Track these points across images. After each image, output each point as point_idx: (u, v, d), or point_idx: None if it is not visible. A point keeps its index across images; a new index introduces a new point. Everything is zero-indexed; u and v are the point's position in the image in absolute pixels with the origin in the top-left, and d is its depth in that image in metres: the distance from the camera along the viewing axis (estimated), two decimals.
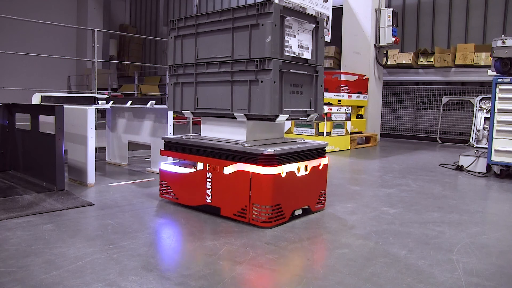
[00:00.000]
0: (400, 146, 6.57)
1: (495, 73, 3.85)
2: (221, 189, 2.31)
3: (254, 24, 2.16)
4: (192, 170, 2.46)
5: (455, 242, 2.01)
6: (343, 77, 6.45)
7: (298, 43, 2.31)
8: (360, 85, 6.51)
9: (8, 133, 3.33)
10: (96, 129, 3.02)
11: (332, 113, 5.53)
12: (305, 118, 2.47)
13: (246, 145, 2.22)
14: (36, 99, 3.67)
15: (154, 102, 3.56)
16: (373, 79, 6.80)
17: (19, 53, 4.58)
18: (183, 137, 2.57)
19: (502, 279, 1.60)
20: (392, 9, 6.67)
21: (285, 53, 2.22)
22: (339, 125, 5.67)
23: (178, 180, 2.53)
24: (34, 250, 1.76)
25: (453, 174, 3.99)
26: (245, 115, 2.25)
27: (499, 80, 3.78)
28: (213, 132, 2.54)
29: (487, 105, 6.53)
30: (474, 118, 6.70)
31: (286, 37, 2.22)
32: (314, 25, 2.41)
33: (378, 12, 6.67)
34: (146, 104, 3.60)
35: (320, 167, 2.49)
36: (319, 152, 2.49)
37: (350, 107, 5.93)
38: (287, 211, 2.26)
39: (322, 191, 2.54)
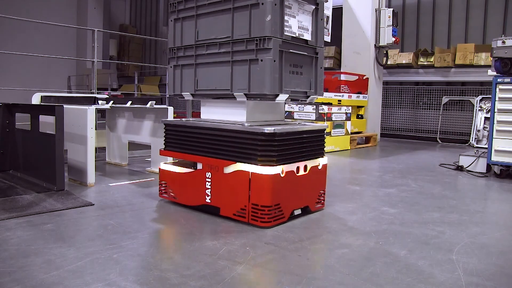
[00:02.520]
0: (400, 146, 6.57)
1: (495, 73, 3.85)
2: (220, 189, 2.31)
3: (254, 4, 2.17)
4: (192, 169, 2.46)
5: (455, 242, 2.01)
6: (343, 77, 6.45)
7: (298, 23, 2.32)
8: (360, 85, 6.51)
9: (8, 133, 3.33)
10: (96, 129, 3.01)
11: (332, 113, 5.53)
12: (305, 100, 2.47)
13: (246, 125, 2.22)
14: (36, 99, 3.67)
15: (154, 102, 3.56)
16: (373, 79, 6.80)
17: (19, 53, 4.58)
18: (183, 119, 2.59)
19: (502, 279, 1.60)
20: (392, 9, 6.67)
21: (285, 33, 2.22)
22: (339, 125, 5.67)
23: (178, 180, 2.53)
24: (34, 250, 1.76)
25: (453, 174, 3.99)
26: (245, 94, 2.24)
27: (499, 80, 3.77)
28: (213, 114, 2.53)
29: (487, 105, 6.53)
30: (474, 118, 6.70)
31: (286, 17, 2.22)
32: (314, 7, 2.41)
33: (378, 12, 6.67)
34: (146, 104, 3.60)
35: (320, 167, 2.50)
36: (319, 135, 2.48)
37: (350, 107, 5.94)
38: (286, 211, 2.26)
39: (322, 191, 2.54)
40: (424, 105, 7.69)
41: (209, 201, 2.37)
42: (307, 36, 2.38)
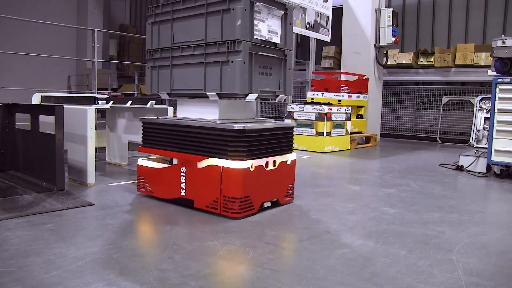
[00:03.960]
0: (400, 146, 6.57)
1: (495, 73, 3.85)
2: (194, 183, 2.45)
3: (226, 9, 2.32)
4: (168, 165, 2.60)
5: (455, 242, 2.01)
6: (343, 77, 6.45)
7: (268, 28, 2.48)
8: (360, 85, 6.51)
9: (8, 133, 3.33)
10: (96, 129, 3.01)
11: (332, 113, 5.53)
12: (274, 99, 2.62)
13: (218, 122, 2.37)
14: (36, 99, 3.67)
15: (154, 102, 3.55)
16: (373, 79, 6.80)
17: (19, 53, 4.58)
18: (160, 117, 2.71)
19: (502, 279, 1.60)
20: (392, 9, 6.67)
21: (255, 36, 2.38)
22: (339, 125, 5.67)
23: (155, 174, 2.67)
24: (34, 250, 1.76)
25: (453, 174, 3.99)
26: (217, 94, 2.39)
27: (499, 80, 3.77)
28: (188, 112, 2.67)
29: (487, 105, 6.53)
30: (474, 118, 6.70)
31: (255, 22, 2.38)
32: (283, 12, 2.57)
33: (378, 12, 6.67)
34: (146, 104, 3.60)
35: (288, 163, 2.65)
36: (288, 132, 2.64)
37: (350, 107, 5.93)
38: (256, 203, 2.40)
39: (290, 185, 2.69)
40: (424, 105, 7.69)
41: (184, 194, 2.50)
42: (276, 40, 2.54)
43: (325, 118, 5.41)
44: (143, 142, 2.77)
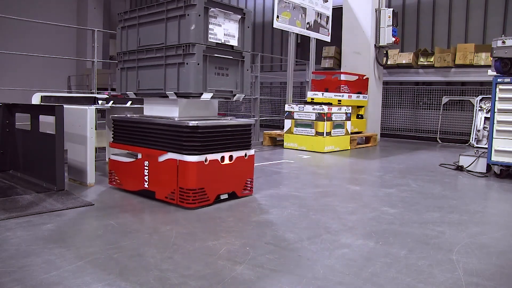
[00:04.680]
0: (400, 146, 6.57)
1: (495, 73, 3.85)
2: (155, 176, 2.65)
3: (182, 15, 2.49)
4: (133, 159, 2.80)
5: (455, 242, 2.01)
6: (343, 77, 6.45)
7: (224, 31, 2.64)
8: (360, 85, 6.51)
9: (8, 133, 3.33)
10: (96, 129, 3.02)
11: (332, 113, 5.53)
12: (231, 98, 2.78)
13: (176, 119, 2.56)
14: (36, 99, 3.67)
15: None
16: (373, 79, 6.80)
17: (19, 53, 4.58)
18: (128, 115, 2.91)
19: (502, 279, 1.60)
20: (392, 9, 6.67)
21: (210, 40, 2.55)
22: (339, 125, 5.67)
23: (123, 168, 2.88)
24: (34, 250, 1.76)
25: (453, 174, 3.99)
26: (175, 93, 2.56)
27: (499, 80, 3.77)
28: (153, 110, 2.86)
29: (487, 105, 6.53)
30: (474, 118, 6.70)
31: (210, 26, 2.55)
32: (240, 16, 2.73)
33: (378, 12, 6.67)
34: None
35: (246, 157, 2.80)
36: (245, 129, 2.79)
37: (350, 107, 5.93)
38: (211, 195, 2.57)
39: (249, 179, 2.84)
40: (424, 105, 7.69)
41: (147, 186, 2.71)
42: (233, 42, 2.71)
43: (325, 118, 5.41)
44: (114, 138, 2.97)
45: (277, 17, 5.61)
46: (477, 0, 7.22)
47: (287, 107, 5.85)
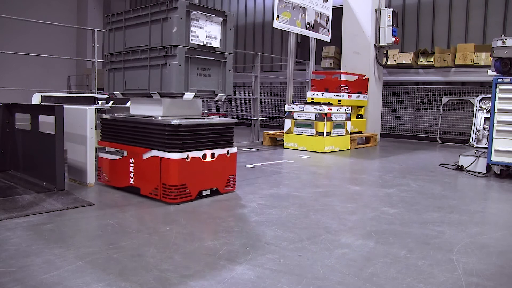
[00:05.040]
0: (400, 146, 6.57)
1: (495, 73, 3.85)
2: (140, 172, 2.76)
3: (165, 18, 2.58)
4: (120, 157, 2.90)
5: (455, 242, 2.01)
6: (343, 77, 6.45)
7: (206, 33, 2.74)
8: (360, 85, 6.51)
9: (8, 133, 3.33)
10: (96, 129, 3.02)
11: (332, 113, 5.53)
12: (214, 97, 2.87)
13: (159, 118, 2.66)
14: (36, 99, 3.67)
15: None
16: (373, 79, 6.80)
17: (19, 53, 4.58)
18: (115, 114, 3.00)
19: (502, 279, 1.60)
20: (392, 9, 6.67)
21: (192, 41, 2.64)
22: (339, 125, 5.67)
23: (110, 165, 2.99)
24: (34, 250, 1.76)
25: (453, 174, 3.99)
26: (158, 93, 2.65)
27: (499, 80, 3.78)
28: (139, 110, 2.95)
29: (487, 105, 6.53)
30: (474, 118, 6.70)
31: (192, 28, 2.64)
32: (222, 19, 2.82)
33: (378, 12, 6.67)
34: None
35: (228, 155, 2.90)
36: (227, 128, 2.89)
37: (350, 107, 5.93)
38: (193, 191, 2.67)
39: (231, 176, 2.94)
40: (424, 105, 7.69)
41: (133, 182, 2.81)
42: (216, 44, 2.80)
43: (325, 118, 5.41)
44: (102, 136, 3.06)
45: (277, 17, 5.61)
46: (477, 0, 7.22)
47: (287, 107, 5.85)
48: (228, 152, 2.89)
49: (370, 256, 1.80)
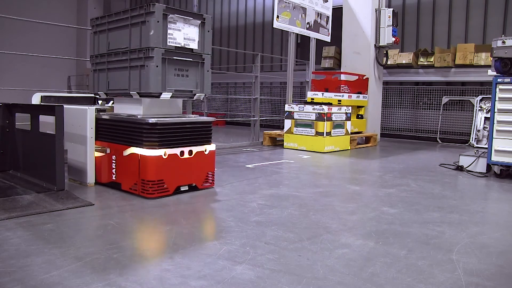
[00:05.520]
0: (400, 146, 6.57)
1: (495, 73, 3.85)
2: (121, 169, 2.88)
3: (143, 21, 2.71)
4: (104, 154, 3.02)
5: (455, 242, 2.01)
6: (343, 77, 6.45)
7: (184, 35, 2.85)
8: (360, 85, 6.51)
9: (8, 133, 3.33)
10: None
11: (332, 113, 5.53)
12: (192, 97, 2.98)
13: (139, 117, 2.77)
14: (36, 99, 3.67)
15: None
16: (373, 79, 6.80)
17: (19, 53, 4.58)
18: (101, 113, 3.10)
19: (502, 279, 1.60)
20: (392, 9, 6.67)
21: (169, 43, 2.76)
22: (339, 125, 5.67)
23: (96, 162, 3.07)
24: (34, 250, 1.76)
25: (453, 174, 3.99)
26: (138, 93, 2.78)
27: (499, 80, 3.78)
28: (121, 109, 3.07)
29: (487, 105, 6.53)
30: (474, 118, 6.70)
31: (170, 31, 2.76)
32: (200, 21, 2.93)
33: (378, 12, 6.67)
34: None
35: (206, 152, 3.01)
36: (205, 126, 2.99)
37: (350, 107, 5.93)
38: (171, 186, 2.79)
39: (210, 172, 3.05)
40: (424, 105, 7.69)
41: (115, 178, 2.94)
42: (193, 45, 2.91)
43: (325, 118, 5.41)
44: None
45: (277, 17, 5.61)
46: (477, 0, 7.22)
47: (287, 107, 5.86)
48: (206, 150, 3.00)
49: (370, 256, 1.80)
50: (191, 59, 2.90)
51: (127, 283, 1.47)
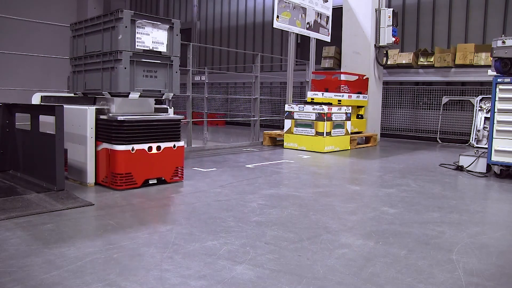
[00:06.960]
0: (400, 146, 6.57)
1: (495, 73, 3.85)
2: (96, 163, 3.04)
3: (113, 26, 2.93)
4: None
5: (455, 242, 2.01)
6: (343, 77, 6.44)
7: (152, 39, 3.05)
8: (360, 85, 6.51)
9: (8, 133, 3.33)
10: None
11: (332, 113, 5.53)
12: (161, 96, 3.18)
13: (110, 115, 2.95)
14: (36, 99, 3.67)
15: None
16: (373, 79, 6.80)
17: (19, 53, 4.58)
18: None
19: (502, 279, 1.60)
20: (392, 9, 6.67)
21: (137, 47, 2.97)
22: (339, 125, 5.67)
23: None
24: (34, 250, 1.76)
25: (453, 174, 3.99)
26: (109, 93, 2.99)
27: (499, 80, 3.77)
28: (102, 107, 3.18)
29: (487, 105, 6.53)
30: (474, 118, 6.70)
31: (138, 35, 2.97)
32: (168, 26, 3.13)
33: (378, 12, 6.67)
34: None
35: (175, 148, 3.18)
36: (173, 123, 3.17)
37: (350, 107, 5.93)
38: (138, 179, 2.98)
39: (178, 167, 3.22)
40: (424, 105, 7.69)
41: None
42: (162, 48, 3.11)
43: (325, 118, 5.41)
44: None
45: (277, 17, 5.61)
46: (477, 0, 7.22)
47: (287, 107, 5.85)
48: (174, 146, 3.18)
49: (370, 256, 1.80)
50: (159, 61, 3.10)
51: (127, 283, 1.47)
